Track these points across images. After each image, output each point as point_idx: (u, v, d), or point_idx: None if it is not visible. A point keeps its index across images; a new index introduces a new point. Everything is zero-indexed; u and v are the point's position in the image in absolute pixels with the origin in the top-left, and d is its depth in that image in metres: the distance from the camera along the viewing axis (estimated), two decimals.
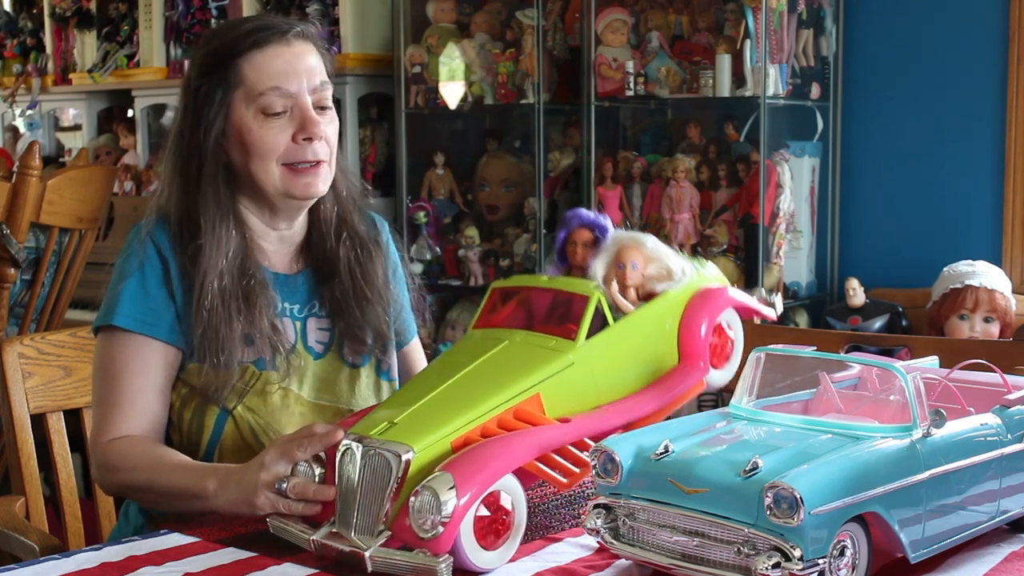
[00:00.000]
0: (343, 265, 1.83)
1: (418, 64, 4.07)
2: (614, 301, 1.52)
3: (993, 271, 3.17)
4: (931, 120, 3.59)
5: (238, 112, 1.73)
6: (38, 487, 1.94)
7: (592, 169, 3.75)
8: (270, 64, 1.73)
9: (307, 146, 1.74)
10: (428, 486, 1.27)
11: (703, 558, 1.22)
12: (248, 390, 1.74)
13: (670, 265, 1.58)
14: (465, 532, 1.28)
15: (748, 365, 1.41)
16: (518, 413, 1.41)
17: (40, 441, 1.93)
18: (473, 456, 1.32)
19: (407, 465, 1.31)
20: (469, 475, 1.29)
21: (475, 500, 1.29)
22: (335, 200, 1.85)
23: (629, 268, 1.55)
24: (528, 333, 1.50)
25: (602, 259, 1.56)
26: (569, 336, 1.48)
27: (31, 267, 3.16)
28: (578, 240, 1.61)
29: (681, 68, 3.60)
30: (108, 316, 1.73)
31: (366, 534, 1.32)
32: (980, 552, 1.38)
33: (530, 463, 1.36)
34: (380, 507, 1.32)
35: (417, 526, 1.27)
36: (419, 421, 1.37)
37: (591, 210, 1.66)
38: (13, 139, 5.87)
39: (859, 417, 1.38)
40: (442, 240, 4.16)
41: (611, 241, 1.59)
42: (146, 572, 1.35)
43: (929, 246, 3.57)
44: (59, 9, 5.38)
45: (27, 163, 3.01)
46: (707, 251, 3.60)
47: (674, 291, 1.58)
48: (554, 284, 1.55)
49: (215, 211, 1.74)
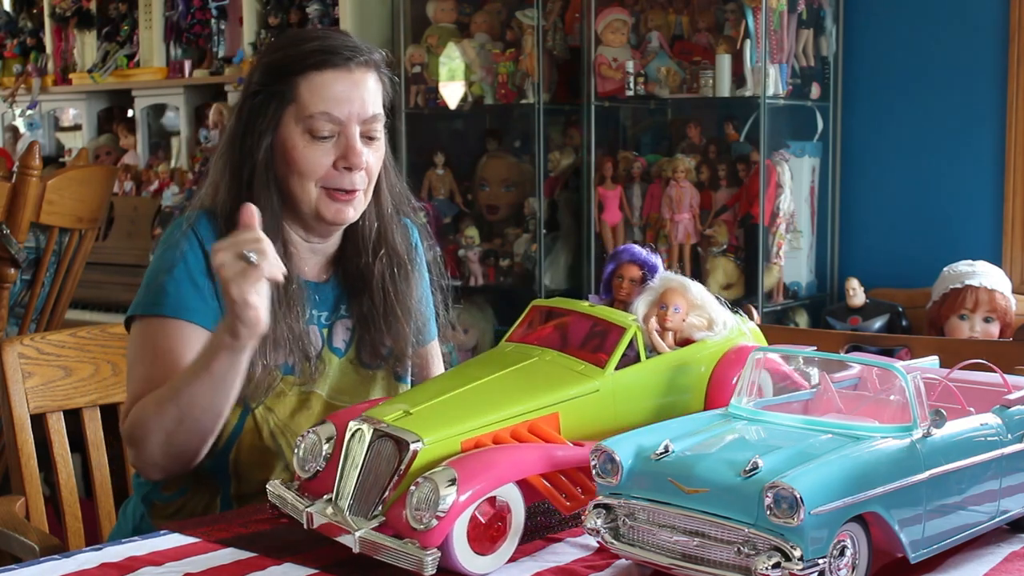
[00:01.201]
0: (376, 282, 1.84)
1: (418, 64, 4.07)
2: (651, 340, 1.53)
3: (993, 271, 3.17)
4: (931, 120, 3.59)
5: (288, 128, 1.74)
6: (38, 487, 1.94)
7: (592, 169, 3.75)
8: (326, 88, 1.73)
9: (346, 175, 1.74)
10: (430, 478, 1.27)
11: (703, 558, 1.22)
12: (271, 391, 1.75)
13: (712, 315, 1.59)
14: (459, 531, 1.28)
15: (748, 365, 1.41)
16: (533, 428, 1.41)
17: (40, 441, 1.93)
18: (480, 458, 1.32)
19: (414, 455, 1.32)
20: (472, 474, 1.29)
21: (474, 500, 1.29)
22: (377, 216, 1.85)
23: (671, 311, 1.55)
24: (559, 354, 1.51)
25: (646, 297, 1.57)
26: (599, 363, 1.48)
27: (31, 267, 3.16)
28: (626, 275, 1.63)
29: (681, 68, 3.60)
30: (153, 306, 1.72)
31: (360, 516, 1.32)
32: (980, 552, 1.38)
33: (535, 478, 1.36)
34: (380, 492, 1.32)
35: (412, 516, 1.27)
36: (434, 415, 1.37)
37: (644, 248, 1.67)
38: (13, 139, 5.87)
39: (859, 417, 1.37)
40: (442, 240, 4.16)
41: (658, 281, 1.59)
42: (146, 572, 1.35)
43: (929, 246, 3.58)
44: (59, 9, 5.39)
45: (27, 163, 3.01)
46: (707, 251, 3.61)
47: (712, 341, 1.57)
48: (594, 311, 1.55)
49: (264, 216, 1.73)
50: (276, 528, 1.48)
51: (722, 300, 1.63)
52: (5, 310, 3.07)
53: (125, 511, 1.85)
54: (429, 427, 1.35)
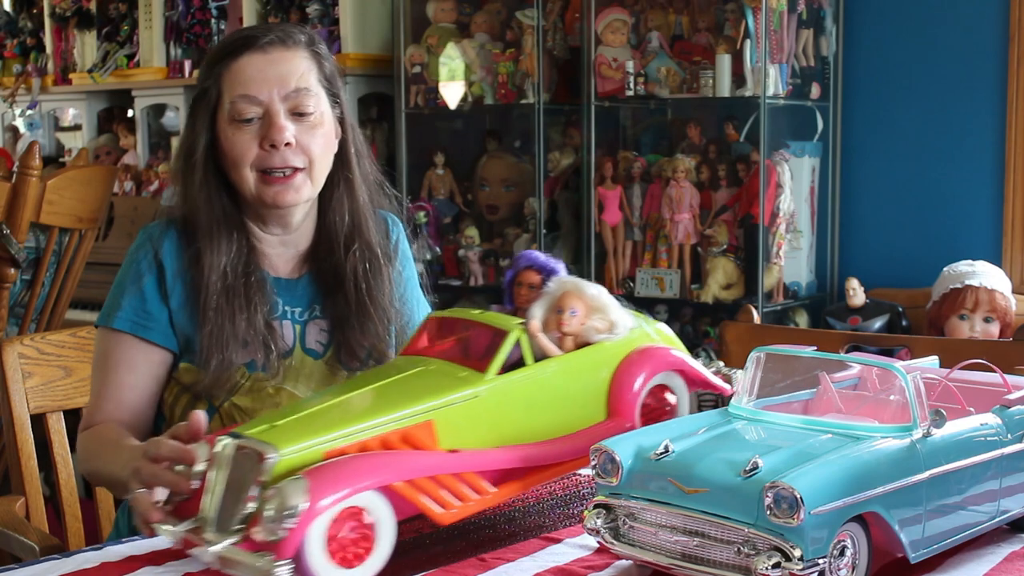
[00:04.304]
0: (349, 277, 1.82)
1: (418, 64, 4.07)
2: (538, 343, 1.46)
3: (993, 271, 3.17)
4: (931, 120, 3.59)
5: (220, 122, 1.76)
6: (38, 487, 1.94)
7: (592, 169, 3.75)
8: (242, 72, 1.75)
9: (275, 153, 1.73)
10: (280, 487, 1.23)
11: (703, 558, 1.22)
12: (236, 389, 1.75)
13: (612, 317, 1.51)
14: (313, 542, 1.22)
15: (748, 365, 1.41)
16: (406, 437, 1.34)
17: (40, 441, 1.93)
18: (336, 466, 1.26)
19: (270, 466, 1.26)
20: (326, 483, 1.23)
21: (327, 509, 1.22)
22: (350, 209, 1.84)
23: (568, 314, 1.48)
24: (445, 363, 1.45)
25: (542, 302, 1.50)
26: (480, 368, 1.41)
27: (31, 267, 3.16)
28: (524, 281, 1.58)
29: (681, 68, 3.60)
30: (106, 318, 1.80)
31: (221, 531, 1.27)
32: (980, 552, 1.38)
33: (404, 487, 1.29)
34: (240, 506, 1.27)
35: (265, 528, 1.22)
36: (299, 427, 1.32)
37: (544, 253, 1.62)
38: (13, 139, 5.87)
39: (859, 417, 1.38)
40: (442, 240, 4.17)
41: (554, 285, 1.52)
42: (146, 572, 1.35)
43: (929, 246, 3.58)
44: (59, 9, 5.38)
45: (27, 163, 3.01)
46: (707, 251, 3.61)
47: (611, 343, 1.50)
48: (480, 318, 1.50)
49: (209, 215, 1.77)
50: None
51: (622, 301, 1.55)
52: (5, 310, 3.07)
53: (123, 513, 1.85)
54: (290, 438, 1.29)
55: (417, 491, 1.30)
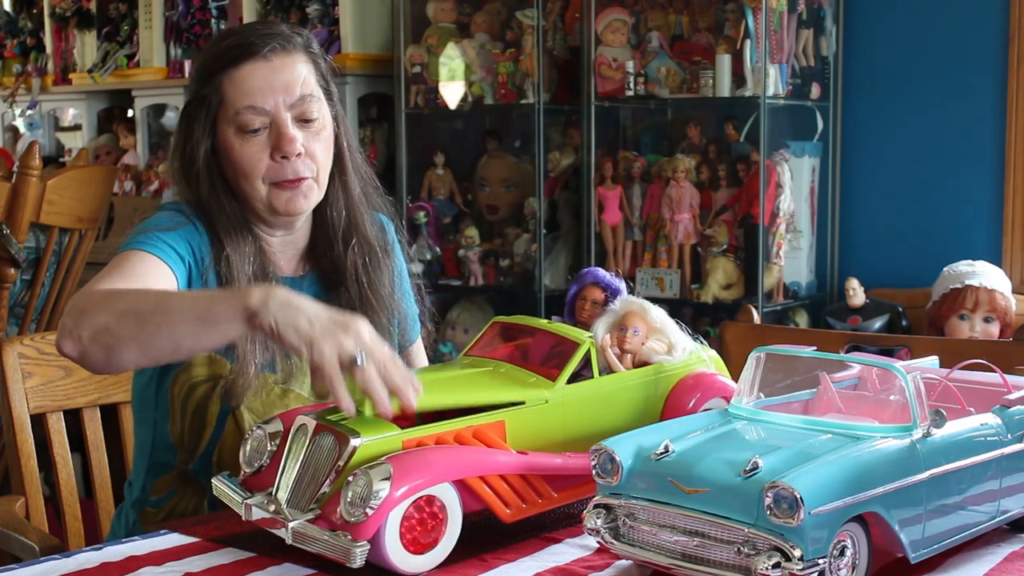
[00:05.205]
0: (350, 273, 1.82)
1: (418, 64, 4.07)
2: (606, 359, 1.54)
3: (993, 271, 3.17)
4: (931, 120, 3.60)
5: (223, 130, 1.74)
6: (38, 487, 1.94)
7: (592, 169, 3.75)
8: (246, 81, 1.72)
9: (286, 164, 1.73)
10: (365, 472, 1.28)
11: (703, 558, 1.22)
12: (257, 393, 1.74)
13: (672, 340, 1.59)
14: (391, 527, 1.29)
15: (748, 365, 1.41)
16: (478, 433, 1.41)
17: (40, 441, 1.93)
18: (417, 456, 1.33)
19: (353, 450, 1.32)
20: (408, 471, 1.29)
21: (408, 496, 1.29)
22: (345, 204, 1.84)
23: (630, 332, 1.56)
24: (514, 367, 1.52)
25: (606, 319, 1.58)
26: (551, 377, 1.49)
27: (31, 267, 3.16)
28: (588, 296, 1.65)
29: (681, 68, 3.60)
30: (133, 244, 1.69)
31: (296, 508, 1.34)
32: (980, 552, 1.38)
33: (475, 482, 1.35)
34: (317, 486, 1.33)
35: (346, 509, 1.28)
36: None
37: (610, 270, 1.69)
38: (13, 139, 5.88)
39: (859, 417, 1.38)
40: (442, 240, 4.17)
41: (619, 304, 1.60)
42: (146, 572, 1.35)
43: (929, 246, 3.58)
44: (59, 9, 5.39)
45: (27, 163, 3.01)
46: (707, 251, 3.61)
47: (669, 364, 1.57)
48: (551, 328, 1.56)
49: (228, 223, 1.75)
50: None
51: (682, 326, 1.62)
52: (5, 310, 3.07)
53: (118, 518, 1.85)
54: (371, 426, 1.35)
55: (488, 487, 1.37)
